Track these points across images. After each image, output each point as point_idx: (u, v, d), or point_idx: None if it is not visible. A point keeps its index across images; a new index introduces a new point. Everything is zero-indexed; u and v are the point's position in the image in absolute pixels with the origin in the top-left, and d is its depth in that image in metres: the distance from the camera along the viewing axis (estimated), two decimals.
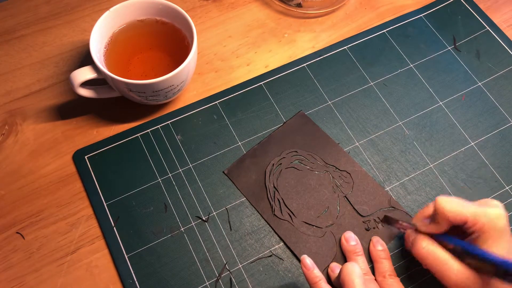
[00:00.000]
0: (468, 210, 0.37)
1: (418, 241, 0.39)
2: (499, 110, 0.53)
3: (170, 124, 0.51)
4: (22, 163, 0.48)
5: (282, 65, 0.55)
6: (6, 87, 0.52)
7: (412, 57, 0.56)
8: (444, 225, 0.38)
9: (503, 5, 0.61)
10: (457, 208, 0.37)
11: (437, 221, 0.38)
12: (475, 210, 0.37)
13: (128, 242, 0.45)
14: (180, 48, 0.49)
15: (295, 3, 0.58)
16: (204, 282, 0.43)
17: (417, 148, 0.51)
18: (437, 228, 0.39)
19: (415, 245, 0.39)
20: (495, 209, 0.37)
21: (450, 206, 0.37)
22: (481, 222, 0.36)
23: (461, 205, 0.37)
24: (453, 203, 0.38)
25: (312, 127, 0.51)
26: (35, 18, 0.56)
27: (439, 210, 0.38)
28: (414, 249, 0.39)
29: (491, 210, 0.37)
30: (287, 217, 0.46)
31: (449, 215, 0.37)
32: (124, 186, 0.47)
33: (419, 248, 0.39)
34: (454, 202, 0.38)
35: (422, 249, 0.39)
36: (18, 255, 0.44)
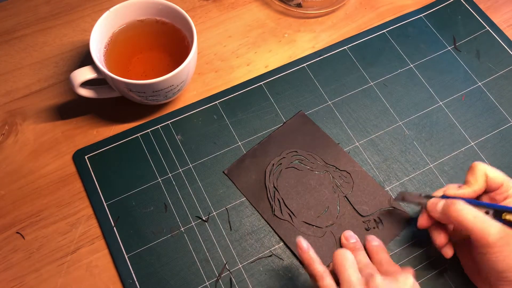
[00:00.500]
0: (504, 175, 0.40)
1: (454, 203, 0.38)
2: (499, 110, 0.53)
3: (170, 124, 0.51)
4: (22, 163, 0.48)
5: (282, 65, 0.55)
6: (6, 87, 0.52)
7: (412, 57, 0.56)
8: (479, 186, 0.40)
9: (503, 5, 0.61)
10: (496, 170, 0.40)
11: (475, 182, 0.40)
12: (508, 177, 0.40)
13: (128, 242, 0.45)
14: (180, 48, 0.49)
15: (295, 3, 0.58)
16: (204, 282, 0.43)
17: (417, 148, 0.51)
18: (472, 190, 0.40)
19: (450, 207, 0.38)
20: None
21: (490, 168, 0.40)
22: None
23: (498, 170, 0.41)
24: (491, 167, 0.41)
25: (312, 127, 0.51)
26: (35, 18, 0.56)
27: (480, 170, 0.40)
28: (450, 211, 0.38)
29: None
30: (287, 217, 0.46)
31: (490, 176, 0.40)
32: (124, 186, 0.47)
33: (456, 209, 0.38)
34: (491, 167, 0.41)
35: (460, 210, 0.38)
36: (18, 255, 0.44)
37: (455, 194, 0.40)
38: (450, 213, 0.38)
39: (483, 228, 0.36)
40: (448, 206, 0.39)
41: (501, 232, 0.36)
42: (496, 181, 0.40)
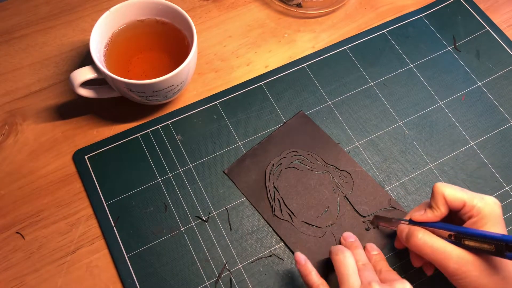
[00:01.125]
0: (465, 194, 0.38)
1: (413, 233, 0.39)
2: (499, 110, 0.53)
3: (170, 124, 0.51)
4: (22, 163, 0.48)
5: (282, 65, 0.55)
6: (6, 87, 0.52)
7: (412, 57, 0.56)
8: (441, 210, 0.39)
9: (503, 5, 0.61)
10: (455, 191, 0.39)
11: (435, 206, 0.39)
12: (472, 194, 0.39)
13: (128, 242, 0.45)
14: (180, 48, 0.49)
15: (295, 3, 0.58)
16: (204, 282, 0.43)
17: (417, 148, 0.51)
18: (434, 214, 0.39)
19: (410, 237, 0.39)
20: (490, 197, 0.39)
21: (449, 189, 0.39)
22: (478, 206, 0.38)
23: (459, 189, 0.39)
24: (451, 187, 0.39)
25: (312, 127, 0.51)
26: (35, 18, 0.56)
27: (438, 192, 0.39)
28: (410, 241, 0.39)
29: (488, 197, 0.38)
30: (287, 217, 0.46)
31: (449, 198, 0.38)
32: (124, 186, 0.47)
33: (415, 239, 0.39)
34: (452, 186, 0.39)
35: (419, 240, 0.38)
36: (18, 255, 0.44)
37: (420, 219, 0.40)
38: (410, 244, 0.39)
39: (441, 258, 0.37)
40: (409, 236, 0.39)
41: (459, 261, 0.36)
42: (455, 203, 0.38)
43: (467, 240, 0.36)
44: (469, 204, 0.38)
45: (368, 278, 0.37)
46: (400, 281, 0.37)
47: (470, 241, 0.36)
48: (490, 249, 0.35)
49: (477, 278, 0.36)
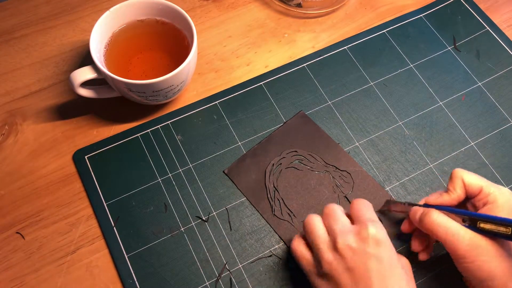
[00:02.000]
0: (483, 181, 0.40)
1: (428, 213, 0.39)
2: (499, 110, 0.53)
3: (170, 124, 0.51)
4: (22, 163, 0.48)
5: (282, 65, 0.55)
6: (6, 87, 0.52)
7: (412, 57, 0.56)
8: (459, 194, 0.40)
9: (503, 5, 0.61)
10: (474, 176, 0.40)
11: (453, 189, 0.40)
12: (489, 182, 0.40)
13: (128, 242, 0.45)
14: (180, 48, 0.49)
15: (295, 3, 0.58)
16: (204, 282, 0.43)
17: (417, 148, 0.51)
18: (451, 198, 0.40)
19: (425, 217, 0.39)
20: (507, 188, 0.40)
21: (468, 174, 0.40)
22: (494, 194, 0.39)
23: (477, 176, 0.40)
24: (470, 173, 0.40)
25: (312, 127, 0.51)
26: (35, 18, 0.56)
27: (456, 177, 0.40)
28: (425, 220, 0.39)
29: (504, 188, 0.40)
30: (287, 217, 0.46)
31: (467, 181, 0.40)
32: (124, 186, 0.47)
33: (429, 218, 0.38)
34: (470, 172, 0.41)
35: (434, 219, 0.38)
36: (18, 255, 0.44)
37: (435, 202, 0.40)
38: (424, 224, 0.39)
39: (453, 239, 0.37)
40: (423, 217, 0.39)
41: (471, 244, 0.36)
42: (473, 187, 0.39)
43: (483, 223, 0.36)
44: (485, 190, 0.39)
45: (331, 226, 0.39)
46: (370, 222, 0.38)
47: (486, 224, 0.36)
48: (506, 232, 0.35)
49: (485, 262, 0.36)
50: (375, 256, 0.36)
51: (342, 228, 0.38)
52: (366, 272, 0.36)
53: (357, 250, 0.36)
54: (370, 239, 0.36)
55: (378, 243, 0.36)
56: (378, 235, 0.37)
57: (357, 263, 0.36)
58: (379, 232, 0.37)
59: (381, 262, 0.36)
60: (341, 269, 0.37)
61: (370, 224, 0.37)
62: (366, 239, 0.37)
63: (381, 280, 0.35)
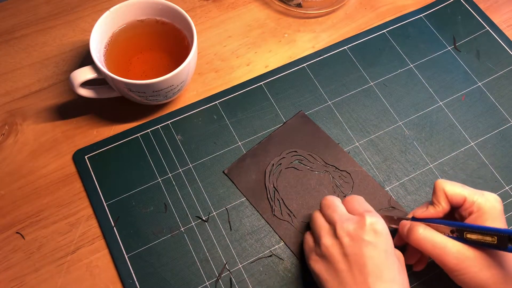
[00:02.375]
0: (466, 190, 0.39)
1: (414, 228, 0.39)
2: (499, 110, 0.53)
3: (170, 124, 0.51)
4: (22, 163, 0.48)
5: (282, 65, 0.55)
6: (6, 87, 0.52)
7: (412, 57, 0.56)
8: (443, 206, 0.39)
9: (503, 5, 0.61)
10: (456, 187, 0.39)
11: (436, 202, 0.40)
12: (473, 191, 0.39)
13: (128, 242, 0.45)
14: (180, 48, 0.49)
15: (295, 3, 0.58)
16: (204, 282, 0.43)
17: (417, 148, 0.51)
18: (436, 210, 0.40)
19: (411, 232, 0.39)
20: (491, 193, 0.39)
21: (449, 185, 0.40)
22: (478, 202, 0.38)
23: (460, 185, 0.40)
24: (452, 183, 0.40)
25: (312, 127, 0.51)
26: (35, 18, 0.56)
27: (439, 189, 0.40)
28: (411, 236, 0.39)
29: (488, 193, 0.39)
30: (287, 218, 0.46)
31: (449, 193, 0.39)
32: (124, 186, 0.47)
33: (415, 234, 0.39)
34: (452, 182, 0.40)
35: (419, 235, 0.38)
36: (18, 255, 0.44)
37: (422, 215, 0.40)
38: (411, 240, 0.39)
39: (440, 254, 0.37)
40: (409, 232, 0.39)
41: (458, 256, 0.36)
42: (456, 198, 0.39)
43: (469, 233, 0.36)
44: (469, 199, 0.38)
45: (330, 215, 0.39)
46: (368, 213, 0.38)
47: (472, 234, 0.36)
48: (492, 242, 0.35)
49: (476, 273, 0.36)
50: (372, 244, 0.36)
51: (341, 216, 0.39)
52: (361, 259, 0.36)
53: (354, 236, 0.37)
54: (368, 227, 0.37)
55: (376, 232, 0.37)
56: (376, 224, 0.37)
57: (354, 250, 0.36)
58: (378, 222, 0.37)
59: (377, 250, 0.36)
60: (338, 254, 0.37)
61: (368, 214, 0.38)
62: (364, 227, 0.37)
63: (375, 267, 0.36)
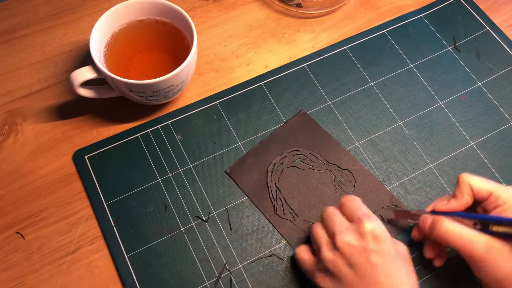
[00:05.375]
0: (491, 184, 0.39)
1: (438, 222, 0.39)
2: (499, 110, 0.53)
3: (170, 124, 0.51)
4: (22, 163, 0.48)
5: (282, 65, 0.55)
6: (6, 87, 0.52)
7: (412, 57, 0.56)
8: (467, 200, 0.39)
9: (503, 5, 0.61)
10: (482, 181, 0.40)
11: (460, 195, 0.40)
12: (497, 185, 0.39)
13: (128, 242, 0.45)
14: (180, 48, 0.49)
15: (295, 3, 0.58)
16: (204, 282, 0.43)
17: (417, 148, 0.51)
18: (459, 203, 0.40)
19: (436, 226, 0.39)
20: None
21: (475, 179, 0.40)
22: (504, 196, 0.38)
23: (485, 180, 0.40)
24: (477, 178, 0.40)
25: (313, 126, 0.51)
26: (35, 18, 0.56)
27: (464, 183, 0.40)
28: (436, 229, 0.39)
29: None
30: (290, 217, 0.46)
31: (475, 187, 0.39)
32: (124, 186, 0.47)
33: (441, 227, 0.38)
34: (477, 177, 0.40)
35: (444, 228, 0.38)
36: (18, 255, 0.44)
37: (443, 209, 0.40)
38: (435, 233, 0.39)
39: (468, 245, 0.37)
40: (434, 226, 0.39)
41: (487, 247, 0.36)
42: (482, 192, 0.39)
43: (495, 226, 0.36)
44: (495, 194, 0.39)
45: (330, 228, 0.39)
46: (366, 218, 0.38)
47: (499, 227, 0.36)
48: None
49: (502, 263, 0.36)
50: (376, 251, 0.36)
51: (340, 227, 0.39)
52: (369, 269, 0.36)
53: (357, 247, 0.37)
54: (368, 235, 0.37)
55: (377, 238, 0.37)
56: (376, 230, 0.37)
57: (359, 260, 0.36)
58: (376, 226, 0.37)
59: (383, 256, 0.36)
60: (342, 265, 0.37)
61: (366, 220, 0.38)
62: (364, 235, 0.37)
63: (385, 272, 0.36)
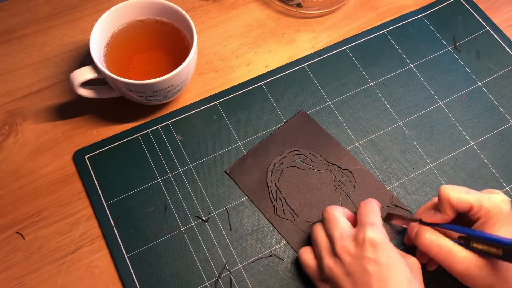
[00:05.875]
0: (472, 196, 0.38)
1: (421, 232, 0.39)
2: (499, 110, 0.53)
3: (170, 124, 0.51)
4: (22, 163, 0.48)
5: (282, 65, 0.55)
6: (6, 87, 0.52)
7: (412, 57, 0.56)
8: (448, 214, 0.39)
9: (503, 5, 0.61)
10: (462, 194, 0.38)
11: (442, 210, 0.39)
12: (479, 195, 0.38)
13: (128, 242, 0.45)
14: (180, 48, 0.49)
15: (295, 3, 0.58)
16: (204, 282, 0.43)
17: (417, 148, 0.51)
18: (442, 217, 0.39)
19: (418, 236, 0.39)
20: (498, 195, 0.38)
21: (454, 193, 0.38)
22: (486, 207, 0.37)
23: (465, 192, 0.38)
24: (457, 190, 0.38)
25: (313, 126, 0.51)
26: (35, 18, 0.56)
27: (443, 197, 0.38)
28: (418, 240, 0.39)
29: (495, 196, 0.38)
30: (290, 217, 0.46)
31: (454, 202, 0.38)
32: (124, 186, 0.47)
33: (422, 238, 0.39)
34: (458, 189, 0.39)
35: (426, 239, 0.38)
36: (18, 255, 0.44)
37: (429, 221, 0.40)
38: (418, 244, 0.39)
39: (447, 259, 0.37)
40: (417, 236, 0.39)
41: (465, 263, 0.36)
42: (462, 205, 0.38)
43: (475, 243, 0.36)
44: (476, 206, 0.38)
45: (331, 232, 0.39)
46: (369, 226, 0.38)
47: (478, 244, 0.36)
48: (498, 254, 0.34)
49: (482, 280, 0.36)
50: (373, 260, 0.36)
51: (341, 233, 0.39)
52: (365, 277, 0.36)
53: (354, 254, 0.37)
54: (367, 243, 0.37)
55: (375, 246, 0.36)
56: (375, 238, 0.37)
57: (356, 268, 0.36)
58: (376, 235, 0.37)
59: (379, 265, 0.36)
60: (341, 274, 0.37)
61: (367, 228, 0.38)
62: (363, 243, 0.37)
63: (379, 282, 0.35)
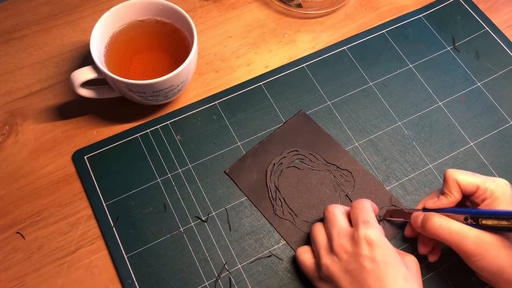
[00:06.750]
0: (478, 178, 0.40)
1: (429, 217, 0.39)
2: (498, 110, 0.53)
3: (170, 124, 0.51)
4: (22, 163, 0.48)
5: (282, 65, 0.55)
6: (6, 87, 0.52)
7: (411, 57, 0.56)
8: (455, 195, 0.40)
9: (503, 6, 0.61)
10: (468, 176, 0.40)
11: (449, 192, 0.40)
12: (484, 178, 0.40)
13: (127, 242, 0.45)
14: (180, 48, 0.49)
15: (295, 3, 0.59)
16: (203, 282, 0.43)
17: (417, 148, 0.51)
18: (448, 200, 0.40)
19: (426, 222, 0.39)
20: (501, 179, 0.40)
21: (461, 175, 0.40)
22: (491, 188, 0.39)
23: (471, 174, 0.40)
24: (463, 172, 0.40)
25: (313, 126, 0.51)
26: (35, 18, 0.56)
27: (451, 179, 0.40)
28: (427, 225, 0.39)
29: (498, 179, 0.39)
30: (289, 217, 0.46)
31: (462, 183, 0.39)
32: (124, 186, 0.47)
33: (431, 223, 0.39)
34: (463, 171, 0.40)
35: (435, 223, 0.38)
36: (18, 255, 0.44)
37: (434, 206, 0.41)
38: (426, 229, 0.39)
39: (459, 240, 0.37)
40: (425, 222, 0.39)
41: (477, 241, 0.37)
42: (469, 187, 0.39)
43: (485, 219, 0.37)
44: (482, 187, 0.39)
45: (329, 230, 0.40)
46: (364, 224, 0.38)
47: (488, 220, 0.36)
48: (509, 225, 0.35)
49: (495, 257, 0.36)
50: (369, 257, 0.37)
51: (338, 231, 0.39)
52: (361, 274, 0.36)
53: (351, 252, 0.37)
54: (363, 241, 0.37)
55: (371, 244, 0.37)
56: (371, 236, 0.37)
57: (353, 266, 0.37)
58: (372, 233, 0.37)
59: (376, 262, 0.36)
60: (338, 272, 0.37)
61: (362, 226, 0.38)
62: (359, 241, 0.37)
63: (376, 280, 0.36)
